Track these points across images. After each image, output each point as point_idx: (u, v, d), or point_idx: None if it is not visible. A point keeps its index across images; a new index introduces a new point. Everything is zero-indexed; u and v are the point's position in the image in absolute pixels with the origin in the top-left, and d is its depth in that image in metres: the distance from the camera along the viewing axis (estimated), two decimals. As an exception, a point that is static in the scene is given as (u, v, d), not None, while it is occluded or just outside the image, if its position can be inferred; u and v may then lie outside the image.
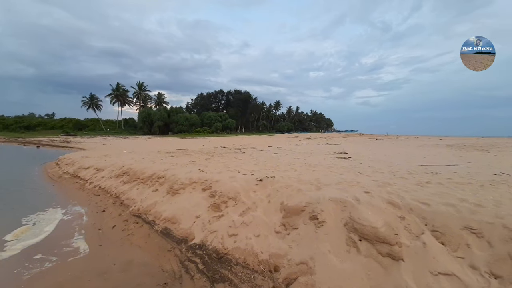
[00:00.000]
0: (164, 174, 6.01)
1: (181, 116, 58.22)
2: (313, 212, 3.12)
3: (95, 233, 4.27)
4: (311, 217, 3.10)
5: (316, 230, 2.94)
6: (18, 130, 55.95)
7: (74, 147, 23.46)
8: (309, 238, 2.90)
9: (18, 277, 3.01)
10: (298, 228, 3.14)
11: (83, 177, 8.38)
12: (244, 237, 3.31)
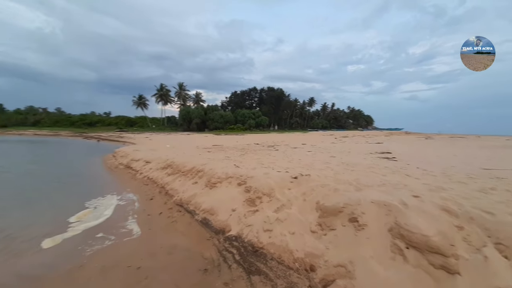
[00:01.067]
0: (202, 168, 6.39)
1: (216, 113, 60.78)
2: (353, 214, 2.98)
3: (145, 218, 4.79)
4: (350, 219, 2.96)
5: (356, 233, 2.80)
6: (82, 126, 65.55)
7: (126, 141, 26.52)
8: (348, 241, 2.78)
9: (82, 253, 3.56)
10: (336, 229, 3.04)
11: (135, 168, 9.45)
12: (279, 233, 3.34)
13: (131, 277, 2.87)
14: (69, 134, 46.60)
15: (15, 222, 4.70)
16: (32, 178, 9.03)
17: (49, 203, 6.03)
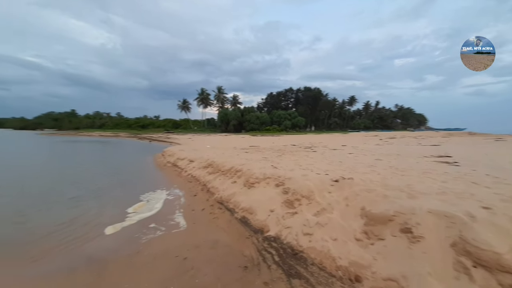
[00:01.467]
0: (241, 168, 6.58)
1: (252, 115, 61.95)
2: (406, 224, 2.69)
3: (190, 213, 5.18)
4: (402, 230, 2.68)
5: (410, 246, 2.52)
6: (137, 128, 74.21)
7: (172, 142, 29.07)
8: (400, 254, 2.52)
9: (138, 241, 4.02)
10: (385, 239, 2.79)
11: (180, 166, 10.28)
12: (320, 238, 3.23)
13: (179, 266, 3.13)
14: (126, 135, 53.31)
15: (83, 211, 5.59)
16: (98, 173, 10.61)
17: (111, 195, 7.00)
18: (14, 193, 7.06)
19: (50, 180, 9.14)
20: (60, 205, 6.00)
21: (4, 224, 4.70)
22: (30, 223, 4.77)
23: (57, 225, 4.60)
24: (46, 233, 4.30)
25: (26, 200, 6.35)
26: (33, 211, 5.49)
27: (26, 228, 4.54)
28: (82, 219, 4.98)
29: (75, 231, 4.39)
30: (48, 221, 4.87)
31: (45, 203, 6.13)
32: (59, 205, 5.96)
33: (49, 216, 5.19)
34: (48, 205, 5.94)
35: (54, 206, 5.92)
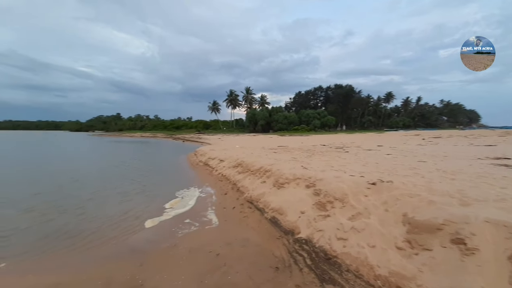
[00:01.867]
0: (270, 168, 6.58)
1: (280, 115, 61.48)
2: (458, 234, 2.40)
3: (221, 211, 5.35)
4: (453, 240, 2.40)
5: (463, 258, 2.24)
6: (172, 129, 79.31)
7: (203, 142, 30.43)
8: (450, 266, 2.26)
9: (174, 234, 4.28)
10: (432, 250, 2.52)
11: (211, 165, 10.70)
12: (355, 244, 3.05)
13: (212, 261, 3.26)
14: (163, 136, 57.41)
15: (128, 205, 6.15)
16: (140, 170, 11.61)
17: (151, 191, 7.59)
18: (74, 188, 8.11)
19: (103, 176, 10.30)
20: (110, 200, 6.71)
21: (68, 216, 5.40)
22: (86, 215, 5.43)
23: (107, 218, 5.17)
24: (100, 224, 4.86)
25: (84, 194, 7.24)
26: (89, 204, 6.24)
27: (84, 220, 5.18)
28: (127, 212, 5.50)
29: (120, 223, 4.87)
30: (99, 214, 5.49)
31: (97, 198, 6.92)
32: (109, 200, 6.67)
33: (100, 209, 5.84)
34: (99, 200, 6.69)
35: (105, 200, 6.65)
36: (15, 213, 5.44)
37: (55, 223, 4.92)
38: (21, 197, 6.73)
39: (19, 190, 7.60)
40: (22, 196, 6.82)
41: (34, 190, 7.44)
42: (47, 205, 5.99)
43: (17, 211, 5.58)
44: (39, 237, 4.26)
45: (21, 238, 4.25)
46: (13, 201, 6.40)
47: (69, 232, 4.48)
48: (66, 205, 6.00)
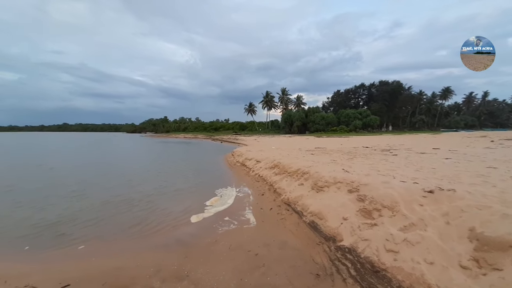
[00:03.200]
0: (308, 171, 6.39)
1: (317, 115, 59.31)
2: (551, 258, 1.94)
3: (258, 211, 5.41)
4: (543, 264, 1.95)
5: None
6: (211, 130, 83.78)
7: (240, 143, 31.34)
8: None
9: (215, 231, 4.48)
10: (503, 270, 2.11)
11: (248, 166, 10.93)
12: (409, 258, 2.73)
13: (251, 261, 3.30)
14: (203, 137, 61.10)
15: (173, 201, 6.69)
16: (183, 169, 12.55)
17: (194, 188, 8.13)
18: (134, 184, 9.22)
19: (157, 174, 11.48)
20: (161, 195, 7.42)
21: (127, 209, 6.15)
22: (140, 208, 6.10)
23: (159, 211, 5.74)
24: (152, 216, 5.42)
25: (142, 190, 8.17)
26: (142, 198, 7.00)
27: (138, 212, 5.83)
28: (174, 207, 6.01)
29: (169, 217, 5.34)
30: (151, 207, 6.11)
31: (151, 193, 7.72)
32: (160, 195, 7.38)
33: (152, 203, 6.49)
34: (153, 195, 7.45)
35: (158, 196, 7.37)
36: (94, 204, 6.45)
37: (116, 213, 5.66)
38: (100, 190, 7.95)
39: (99, 183, 8.98)
40: (101, 189, 8.06)
41: (107, 184, 8.72)
42: (120, 198, 6.95)
43: (94, 202, 6.62)
44: (103, 225, 4.95)
45: (91, 225, 5.01)
46: (93, 193, 7.60)
47: (126, 222, 5.10)
48: (126, 200, 6.86)
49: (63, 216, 5.35)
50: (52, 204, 6.27)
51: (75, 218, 5.23)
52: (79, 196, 7.04)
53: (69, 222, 5.02)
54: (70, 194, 7.23)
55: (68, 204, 6.29)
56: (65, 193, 7.29)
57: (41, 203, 6.28)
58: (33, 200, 6.62)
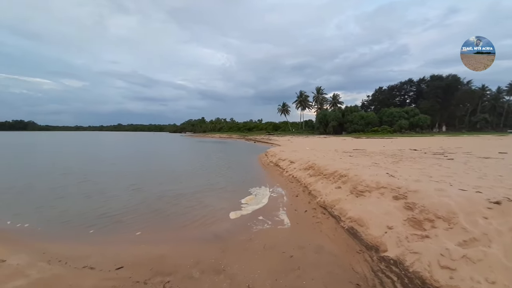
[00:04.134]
0: (346, 173, 6.04)
1: (355, 115, 55.67)
2: None
3: (293, 212, 5.33)
4: None
5: None
6: (244, 130, 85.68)
7: (273, 143, 31.34)
8: None
9: (250, 229, 4.56)
10: None
11: (281, 166, 10.86)
12: (468, 277, 2.38)
13: (286, 262, 3.27)
14: (237, 137, 62.91)
15: (211, 197, 7.02)
16: (220, 168, 13.10)
17: (229, 186, 8.43)
18: (182, 180, 10.01)
19: (198, 171, 12.28)
20: (201, 191, 7.90)
21: (174, 203, 6.67)
22: (185, 202, 6.58)
23: (199, 206, 6.13)
24: (193, 211, 5.81)
25: (187, 186, 8.83)
26: (185, 193, 7.55)
27: (181, 206, 6.31)
28: (212, 203, 6.35)
29: (209, 212, 5.67)
30: (195, 202, 6.55)
31: (195, 189, 8.28)
32: (200, 191, 7.85)
33: (193, 199, 6.94)
34: (195, 191, 7.97)
35: (198, 191, 7.87)
36: (148, 197, 7.22)
37: (164, 206, 6.21)
38: (153, 184, 8.88)
39: (154, 178, 10.04)
40: (154, 183, 9.00)
41: (159, 180, 9.69)
42: (169, 193, 7.65)
43: (149, 196, 7.40)
44: (153, 217, 5.48)
45: (143, 216, 5.59)
46: (143, 187, 8.51)
47: (172, 214, 5.56)
48: (171, 196, 7.48)
49: (122, 206, 6.08)
50: (115, 195, 7.10)
51: (132, 209, 5.90)
52: (136, 189, 7.79)
53: (126, 212, 5.68)
54: (130, 187, 8.05)
55: (128, 196, 7.08)
56: (126, 186, 8.21)
57: (107, 194, 7.20)
58: (101, 190, 7.66)
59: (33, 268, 3.22)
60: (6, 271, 3.10)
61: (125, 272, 3.11)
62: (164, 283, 2.85)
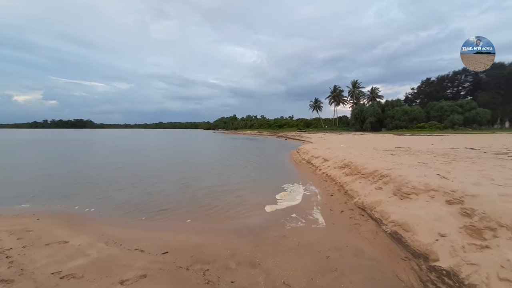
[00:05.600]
0: (388, 173, 5.60)
1: (397, 109, 50.82)
2: None
3: (328, 212, 5.16)
4: None
5: None
6: (275, 127, 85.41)
7: (305, 140, 30.60)
8: None
9: (283, 226, 4.56)
10: None
11: (314, 164, 10.56)
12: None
13: (322, 263, 3.19)
14: (268, 134, 63.05)
15: (247, 191, 7.19)
16: (253, 163, 13.33)
17: (263, 181, 8.54)
18: (223, 176, 10.53)
19: (233, 166, 12.77)
20: (236, 185, 8.19)
21: (209, 197, 7.07)
22: (221, 194, 6.91)
23: (239, 199, 6.40)
24: (232, 204, 6.08)
25: (228, 182, 9.26)
26: (224, 187, 7.90)
27: (219, 198, 6.64)
28: (248, 197, 6.63)
29: (245, 205, 5.92)
30: (233, 195, 6.85)
31: (233, 184, 8.63)
32: (236, 185, 8.14)
33: (234, 192, 7.23)
34: (232, 185, 8.30)
35: (234, 186, 8.17)
36: (191, 191, 7.79)
37: (202, 198, 6.61)
38: (194, 178, 9.56)
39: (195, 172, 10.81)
40: (195, 177, 9.68)
41: (202, 176, 10.36)
42: (211, 189, 8.15)
43: (194, 190, 7.99)
44: (193, 208, 5.87)
45: (185, 207, 6.03)
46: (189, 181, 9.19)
47: (209, 206, 5.90)
48: (217, 190, 7.91)
49: (169, 198, 6.66)
50: (163, 188, 7.75)
51: (177, 200, 6.43)
52: (182, 183, 8.38)
53: (172, 202, 6.21)
54: (177, 181, 8.65)
55: (175, 189, 7.67)
56: (173, 180, 8.92)
57: (156, 186, 7.90)
58: (152, 183, 8.49)
59: (93, 248, 3.73)
60: (68, 251, 3.64)
61: (170, 257, 3.40)
62: (204, 271, 3.04)
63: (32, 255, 3.45)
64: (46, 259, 3.34)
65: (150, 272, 3.02)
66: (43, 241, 3.91)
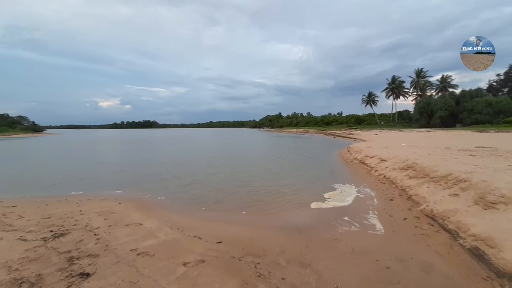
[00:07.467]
0: (467, 178, 4.70)
1: (478, 101, 41.59)
2: None
3: (387, 218, 4.65)
4: None
5: None
6: (322, 125, 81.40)
7: (356, 138, 28.23)
8: None
9: (335, 228, 4.33)
10: None
11: (369, 164, 9.65)
12: None
13: (382, 273, 2.91)
14: (314, 131, 60.77)
15: (295, 186, 7.13)
16: (301, 160, 13.10)
17: (313, 179, 8.36)
18: (274, 172, 10.86)
19: (285, 163, 12.93)
20: (285, 181, 8.24)
21: (260, 193, 7.30)
22: (270, 188, 7.07)
23: (288, 196, 6.45)
24: (281, 199, 6.25)
25: (275, 176, 9.49)
26: (276, 182, 8.07)
27: (267, 193, 6.83)
28: (296, 192, 6.78)
29: (293, 200, 6.09)
30: (280, 190, 6.96)
31: (282, 179, 8.75)
32: (284, 181, 8.20)
33: (280, 187, 7.33)
34: (282, 181, 8.40)
35: (284, 181, 8.25)
36: (249, 188, 8.29)
37: (254, 194, 6.90)
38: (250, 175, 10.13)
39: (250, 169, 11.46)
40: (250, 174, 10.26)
41: (256, 173, 10.93)
42: (264, 185, 8.53)
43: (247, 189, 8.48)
44: (246, 203, 6.18)
45: (238, 201, 6.41)
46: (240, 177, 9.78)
47: (260, 201, 6.15)
48: (269, 185, 8.19)
49: (224, 192, 7.20)
50: (219, 183, 8.45)
51: (230, 194, 6.94)
52: (236, 178, 9.03)
53: (226, 196, 6.73)
54: (244, 179, 8.92)
55: (229, 183, 8.26)
56: (227, 175, 9.64)
57: (216, 182, 8.59)
58: (212, 179, 9.35)
59: (161, 231, 4.30)
60: (143, 232, 4.28)
61: (224, 247, 3.66)
62: (255, 264, 3.16)
63: (115, 233, 4.20)
64: (126, 238, 4.02)
65: (207, 258, 3.32)
66: (124, 222, 4.73)
